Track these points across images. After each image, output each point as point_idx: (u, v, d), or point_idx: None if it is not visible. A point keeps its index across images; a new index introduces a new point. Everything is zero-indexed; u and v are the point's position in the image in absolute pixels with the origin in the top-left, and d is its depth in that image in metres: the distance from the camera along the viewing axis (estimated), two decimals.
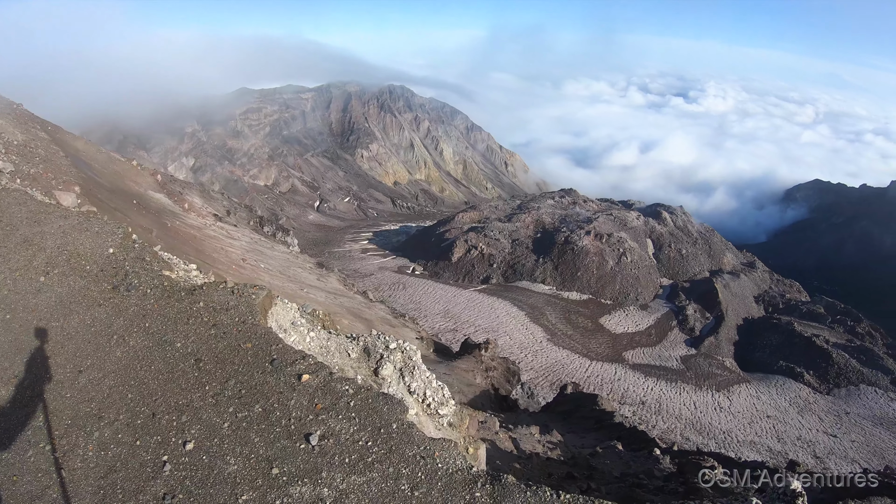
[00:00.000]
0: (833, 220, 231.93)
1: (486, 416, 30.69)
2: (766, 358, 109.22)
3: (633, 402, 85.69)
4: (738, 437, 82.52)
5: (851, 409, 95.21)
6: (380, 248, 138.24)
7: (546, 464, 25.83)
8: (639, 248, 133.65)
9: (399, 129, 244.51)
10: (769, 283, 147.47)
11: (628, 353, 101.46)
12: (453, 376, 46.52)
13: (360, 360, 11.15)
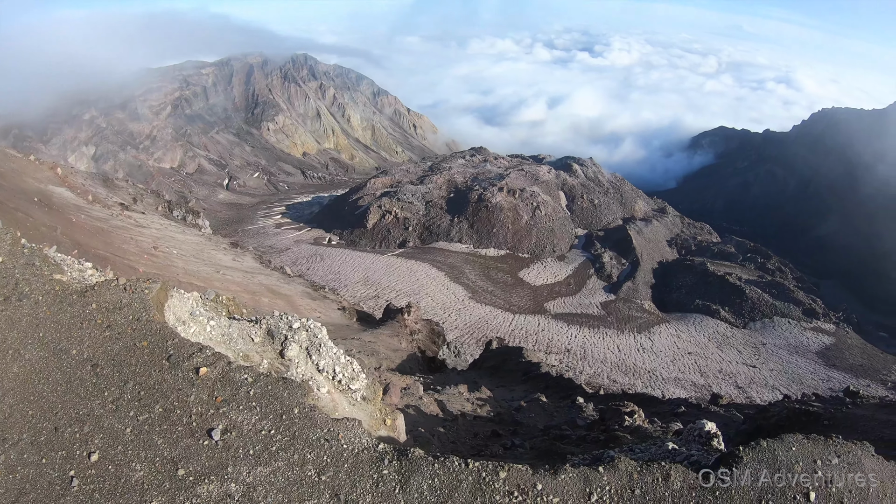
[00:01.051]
0: (738, 165, 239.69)
1: (411, 381, 30.74)
2: (682, 298, 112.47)
3: (559, 351, 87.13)
4: (662, 374, 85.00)
5: (768, 341, 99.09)
6: (294, 221, 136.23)
7: (472, 423, 26.01)
8: (552, 201, 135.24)
9: (305, 99, 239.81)
10: (681, 227, 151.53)
11: (550, 304, 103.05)
12: (378, 343, 46.43)
13: (264, 344, 10.89)
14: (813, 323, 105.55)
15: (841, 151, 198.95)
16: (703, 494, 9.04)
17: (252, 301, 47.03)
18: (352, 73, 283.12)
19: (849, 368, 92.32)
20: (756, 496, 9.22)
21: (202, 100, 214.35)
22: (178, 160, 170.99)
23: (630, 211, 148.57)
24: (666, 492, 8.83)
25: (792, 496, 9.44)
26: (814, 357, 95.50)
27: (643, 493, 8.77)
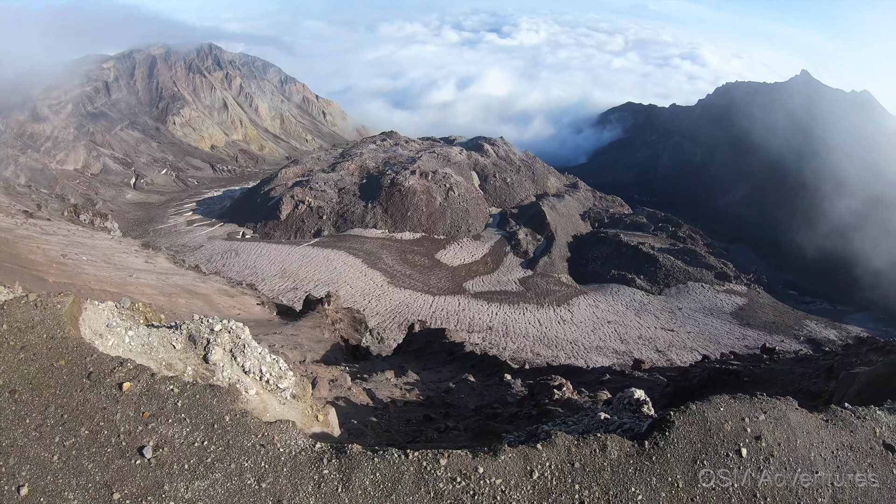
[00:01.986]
0: (647, 138, 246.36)
1: (338, 372, 30.54)
2: (598, 269, 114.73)
3: (481, 329, 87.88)
4: (584, 344, 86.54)
5: (683, 305, 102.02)
6: (206, 217, 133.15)
7: (404, 409, 25.99)
8: (465, 182, 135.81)
9: (211, 90, 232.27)
10: (593, 201, 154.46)
11: (468, 284, 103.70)
12: (301, 336, 45.90)
13: (186, 350, 10.54)
14: (725, 286, 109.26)
15: (745, 122, 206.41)
16: (640, 461, 9.28)
17: (169, 304, 45.84)
18: (258, 62, 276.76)
19: (762, 326, 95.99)
20: (691, 457, 9.50)
21: (104, 96, 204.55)
22: (81, 161, 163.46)
23: (542, 188, 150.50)
24: (605, 462, 9.01)
25: (724, 454, 9.71)
26: (728, 318, 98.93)
27: (583, 465, 8.93)
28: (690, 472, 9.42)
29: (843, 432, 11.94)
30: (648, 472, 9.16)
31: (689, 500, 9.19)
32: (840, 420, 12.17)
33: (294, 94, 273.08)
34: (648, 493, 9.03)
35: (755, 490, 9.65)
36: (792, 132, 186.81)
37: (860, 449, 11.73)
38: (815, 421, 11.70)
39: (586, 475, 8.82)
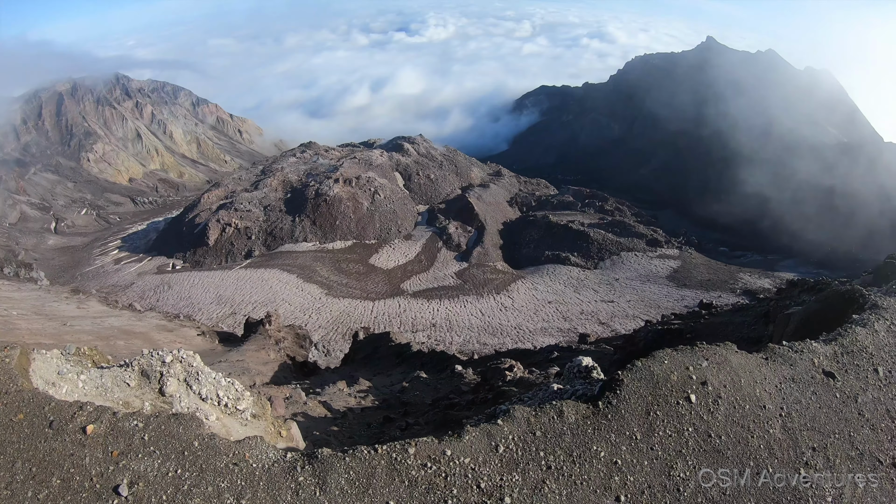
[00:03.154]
0: (564, 119, 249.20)
1: (291, 389, 30.49)
2: (532, 252, 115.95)
3: (425, 327, 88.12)
4: (528, 328, 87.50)
5: (620, 276, 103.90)
6: (133, 253, 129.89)
7: (362, 415, 26.16)
8: (389, 184, 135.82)
9: (122, 121, 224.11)
10: (518, 187, 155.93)
11: (406, 284, 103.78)
12: (247, 360, 45.64)
13: (141, 386, 10.54)
14: (658, 251, 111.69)
15: (656, 92, 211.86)
16: (597, 420, 9.94)
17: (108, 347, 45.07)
18: (168, 86, 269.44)
19: (699, 285, 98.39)
20: (644, 410, 10.27)
21: (13, 140, 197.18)
22: None
23: (467, 179, 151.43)
24: (564, 427, 9.64)
25: (675, 402, 10.55)
26: (665, 281, 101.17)
27: (544, 433, 9.47)
28: (646, 424, 10.15)
29: (783, 367, 12.98)
30: (607, 430, 9.82)
31: (649, 448, 9.88)
32: (779, 357, 13.30)
33: (207, 115, 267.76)
34: (610, 449, 9.65)
35: (709, 431, 10.51)
36: (701, 96, 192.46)
37: (802, 380, 12.89)
38: (756, 360, 12.71)
39: (548, 441, 9.33)
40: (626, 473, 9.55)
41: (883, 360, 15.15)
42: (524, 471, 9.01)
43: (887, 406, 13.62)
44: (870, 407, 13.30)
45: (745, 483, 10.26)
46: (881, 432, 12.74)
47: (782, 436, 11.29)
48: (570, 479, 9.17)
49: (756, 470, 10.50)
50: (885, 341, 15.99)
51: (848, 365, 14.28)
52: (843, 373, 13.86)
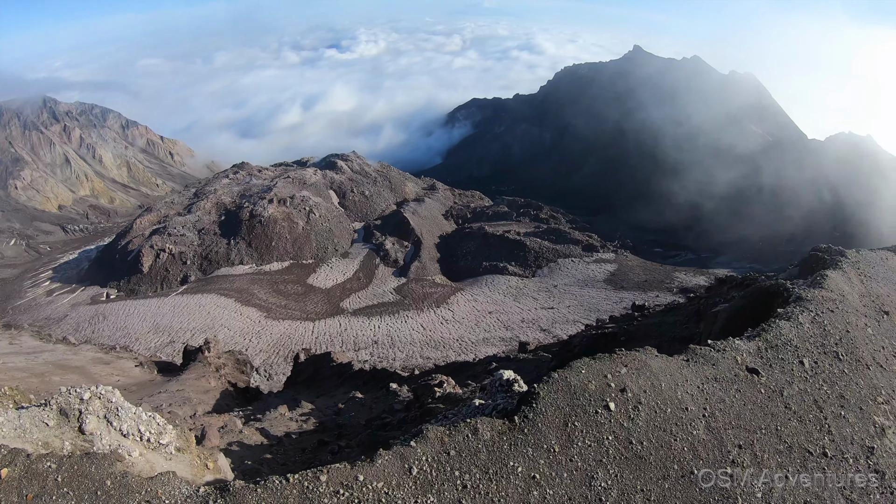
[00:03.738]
0: (496, 130, 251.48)
1: (227, 418, 30.22)
2: (470, 264, 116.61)
3: (367, 345, 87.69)
4: (470, 339, 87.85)
5: (558, 282, 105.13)
6: (65, 284, 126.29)
7: (298, 440, 26.09)
8: (324, 202, 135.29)
9: (50, 146, 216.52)
10: (453, 199, 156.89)
11: (346, 303, 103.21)
12: (187, 389, 44.93)
13: (60, 426, 10.43)
14: (594, 256, 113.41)
15: (586, 101, 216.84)
16: (513, 436, 10.05)
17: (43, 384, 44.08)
18: (96, 109, 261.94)
19: (636, 286, 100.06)
20: (562, 421, 10.42)
21: None
22: None
23: (402, 195, 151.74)
24: (479, 444, 9.76)
25: (594, 411, 10.73)
26: (603, 285, 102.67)
27: (458, 452, 9.60)
28: (564, 435, 10.27)
29: (705, 367, 13.28)
30: (523, 444, 9.93)
31: (568, 460, 10.01)
32: (701, 357, 13.63)
33: (137, 138, 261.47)
34: (527, 464, 9.75)
35: (630, 438, 10.68)
36: (628, 104, 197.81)
37: (725, 378, 13.19)
38: (677, 363, 13.00)
39: (463, 460, 9.48)
40: (545, 487, 9.67)
41: (808, 351, 15.90)
42: (439, 492, 9.16)
43: (814, 396, 14.24)
44: (796, 399, 13.79)
45: (670, 486, 10.47)
46: (809, 423, 13.26)
47: (707, 436, 11.51)
48: (486, 497, 9.30)
49: (681, 473, 10.71)
50: (810, 333, 16.79)
51: (772, 360, 14.83)
52: (767, 368, 14.35)
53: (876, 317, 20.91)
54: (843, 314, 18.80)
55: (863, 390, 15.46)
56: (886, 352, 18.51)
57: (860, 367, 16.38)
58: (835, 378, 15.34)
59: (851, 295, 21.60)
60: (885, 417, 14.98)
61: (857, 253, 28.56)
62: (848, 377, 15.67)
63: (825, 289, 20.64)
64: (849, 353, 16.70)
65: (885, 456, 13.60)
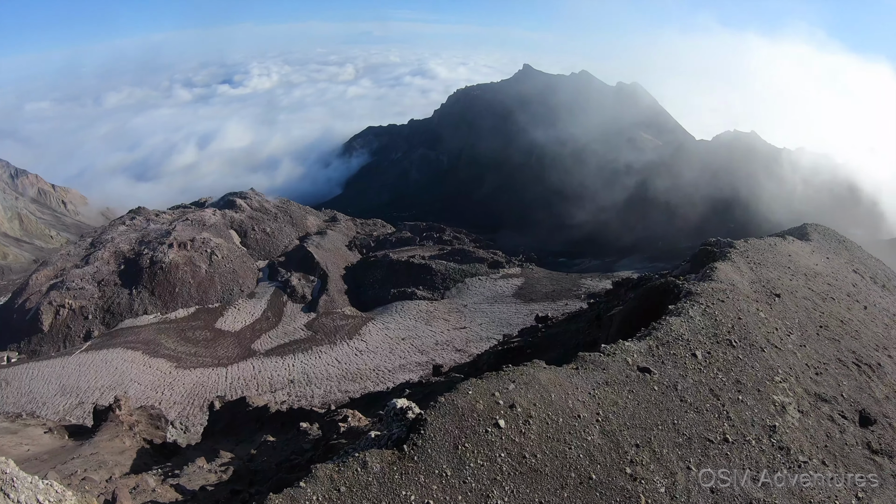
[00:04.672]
0: (393, 157, 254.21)
1: (139, 478, 30.13)
2: (378, 293, 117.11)
3: (284, 385, 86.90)
4: (387, 367, 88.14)
5: (468, 301, 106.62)
6: None
7: (213, 492, 26.21)
8: (225, 243, 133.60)
9: None
10: (356, 229, 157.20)
11: (257, 344, 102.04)
12: (102, 452, 43.96)
13: None
14: (500, 272, 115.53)
15: (480, 121, 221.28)
16: (404, 465, 10.28)
17: None
18: None
19: (545, 297, 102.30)
20: (452, 444, 10.70)
21: None
22: None
23: (303, 229, 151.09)
24: (369, 477, 9.94)
25: (483, 431, 11.01)
26: (512, 299, 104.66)
27: (349, 487, 9.76)
28: (456, 458, 10.55)
29: (595, 373, 13.76)
30: (415, 472, 10.19)
31: (461, 482, 10.27)
32: (590, 364, 14.14)
33: (28, 187, 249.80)
34: (420, 491, 10.00)
35: (523, 452, 10.99)
36: (521, 120, 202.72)
37: (617, 381, 13.70)
38: (566, 372, 13.42)
39: (354, 495, 9.66)
40: None
41: (700, 343, 16.70)
42: None
43: (710, 386, 14.89)
44: (692, 391, 14.41)
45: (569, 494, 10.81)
46: (707, 412, 13.86)
47: (602, 440, 11.92)
48: None
49: (579, 480, 11.04)
50: (701, 324, 17.66)
51: (664, 356, 15.50)
52: (659, 365, 15.00)
53: (768, 300, 22.42)
54: (733, 302, 19.97)
55: (759, 373, 16.29)
56: (780, 332, 19.80)
57: (754, 351, 17.32)
58: (729, 365, 16.13)
59: (742, 283, 22.98)
60: (785, 395, 15.79)
61: (746, 242, 30.25)
62: (743, 362, 16.50)
63: (715, 280, 21.88)
64: (742, 339, 17.66)
65: (787, 432, 14.36)
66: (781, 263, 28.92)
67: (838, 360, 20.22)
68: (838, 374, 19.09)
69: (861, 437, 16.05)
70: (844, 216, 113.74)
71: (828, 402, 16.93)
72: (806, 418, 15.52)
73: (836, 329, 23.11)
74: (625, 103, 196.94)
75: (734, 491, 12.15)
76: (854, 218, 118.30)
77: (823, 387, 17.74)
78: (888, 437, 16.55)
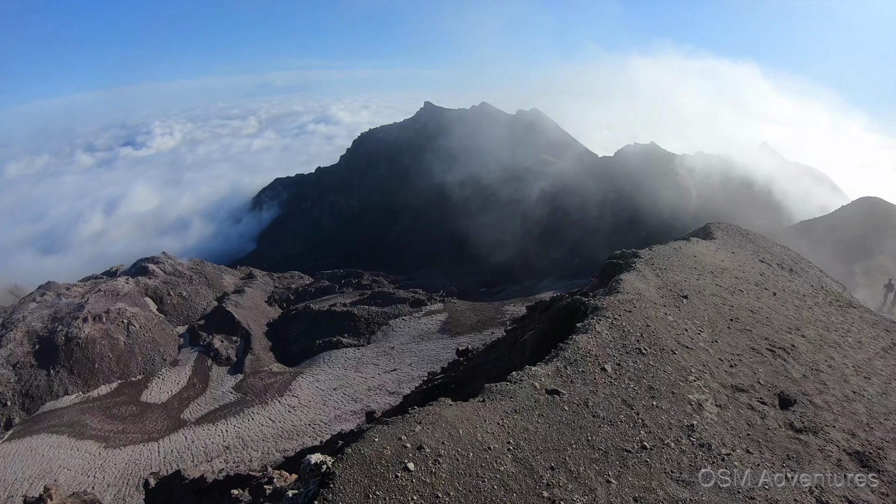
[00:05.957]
0: (303, 207, 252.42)
1: None
2: (304, 346, 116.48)
3: (219, 452, 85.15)
4: (322, 420, 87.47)
5: (395, 343, 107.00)
6: None
7: None
8: (142, 311, 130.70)
9: None
10: (273, 284, 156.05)
11: (186, 413, 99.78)
12: None
13: None
14: (423, 310, 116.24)
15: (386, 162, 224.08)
16: None
17: None
18: None
19: (471, 329, 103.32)
20: (362, 494, 10.85)
21: None
22: None
23: (220, 289, 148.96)
24: None
25: (393, 476, 11.23)
26: (438, 335, 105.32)
27: None
28: None
29: (503, 402, 14.10)
30: None
31: None
32: (497, 394, 14.49)
33: None
34: None
35: (435, 492, 11.19)
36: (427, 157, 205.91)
37: (525, 407, 14.00)
38: (473, 406, 13.75)
39: None
40: None
41: (609, 356, 17.17)
42: None
43: (622, 397, 15.28)
44: (604, 405, 14.75)
45: None
46: (622, 423, 14.22)
47: (515, 468, 12.04)
48: None
49: None
50: (609, 338, 18.17)
51: (573, 375, 15.81)
52: (568, 385, 15.29)
53: (675, 303, 23.39)
54: (641, 311, 20.69)
55: (672, 375, 16.80)
56: (690, 332, 20.61)
57: (665, 355, 17.89)
58: (640, 373, 16.57)
59: (648, 291, 23.86)
60: (700, 392, 16.34)
61: (651, 250, 31.21)
62: (655, 368, 16.99)
63: (620, 292, 22.65)
64: (652, 346, 18.24)
65: (707, 428, 14.78)
66: (687, 265, 30.11)
67: (752, 349, 21.09)
68: (753, 363, 19.89)
69: (783, 419, 16.70)
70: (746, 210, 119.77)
71: (745, 392, 17.59)
72: (724, 411, 16.03)
73: (746, 320, 24.15)
74: (526, 130, 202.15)
75: (658, 496, 12.41)
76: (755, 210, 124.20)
77: (739, 378, 18.43)
78: (810, 413, 17.33)
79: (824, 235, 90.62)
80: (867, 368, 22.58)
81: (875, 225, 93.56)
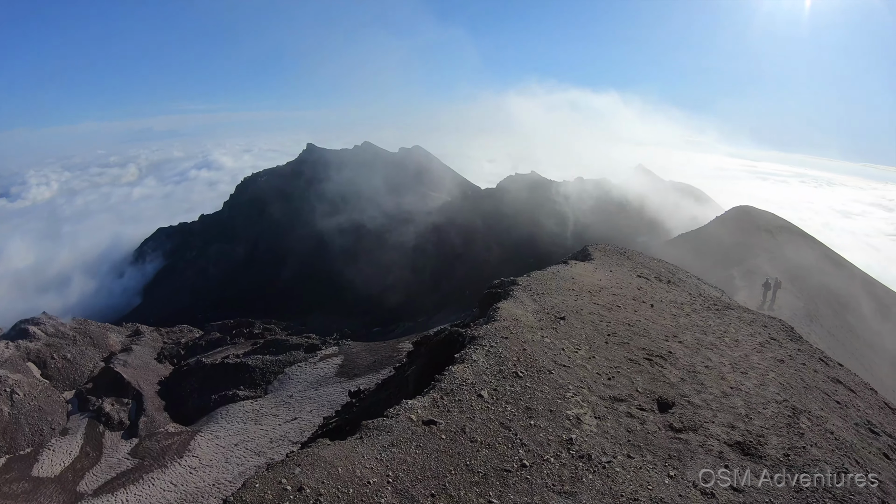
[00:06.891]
0: (188, 256, 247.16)
1: None
2: (199, 402, 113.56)
3: None
4: (227, 479, 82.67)
5: (293, 391, 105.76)
6: None
7: None
8: (25, 378, 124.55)
9: None
10: (162, 340, 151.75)
11: (82, 486, 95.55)
12: None
13: None
14: (318, 354, 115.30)
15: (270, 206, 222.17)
16: None
17: None
18: None
19: (368, 370, 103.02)
20: None
21: None
22: None
23: (106, 349, 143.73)
24: None
25: None
26: (336, 379, 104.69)
27: None
28: None
29: (380, 437, 14.35)
30: None
31: None
32: (374, 430, 14.69)
33: None
34: None
35: None
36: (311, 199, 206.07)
37: (402, 440, 14.20)
38: (351, 444, 13.96)
39: None
40: None
41: (486, 382, 17.38)
42: None
43: (500, 420, 15.56)
44: (481, 430, 14.98)
45: None
46: (500, 445, 14.46)
47: (396, 499, 12.19)
48: None
49: None
50: (486, 365, 18.37)
51: (450, 405, 16.02)
52: (445, 414, 15.55)
53: (553, 325, 23.99)
54: (517, 336, 21.12)
55: (549, 394, 17.06)
56: (568, 351, 21.18)
57: (542, 375, 18.22)
58: (517, 396, 16.75)
59: (525, 316, 24.43)
60: (578, 407, 16.69)
61: (528, 277, 32.04)
62: (532, 389, 17.21)
63: (497, 320, 23.11)
64: (529, 368, 18.51)
65: (586, 440, 15.00)
66: (565, 287, 31.16)
67: (629, 360, 21.71)
68: (631, 373, 20.44)
69: (662, 421, 17.14)
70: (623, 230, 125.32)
71: (624, 401, 18.00)
72: (604, 422, 16.37)
73: (624, 333, 24.93)
74: (409, 167, 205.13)
75: None
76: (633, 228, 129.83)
77: (617, 388, 18.90)
78: (689, 413, 17.86)
79: (702, 246, 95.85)
80: (744, 364, 23.46)
81: (747, 230, 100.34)
